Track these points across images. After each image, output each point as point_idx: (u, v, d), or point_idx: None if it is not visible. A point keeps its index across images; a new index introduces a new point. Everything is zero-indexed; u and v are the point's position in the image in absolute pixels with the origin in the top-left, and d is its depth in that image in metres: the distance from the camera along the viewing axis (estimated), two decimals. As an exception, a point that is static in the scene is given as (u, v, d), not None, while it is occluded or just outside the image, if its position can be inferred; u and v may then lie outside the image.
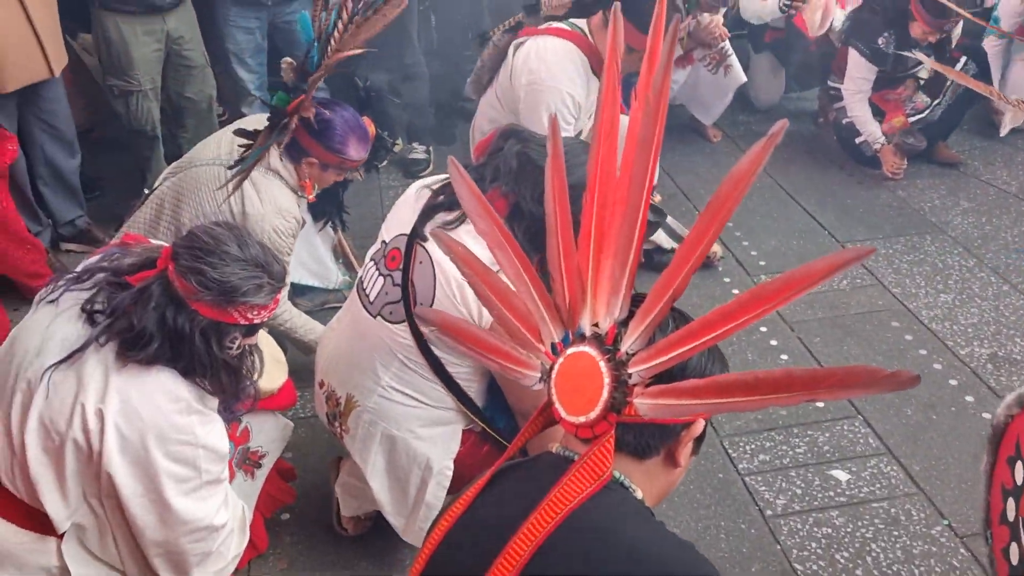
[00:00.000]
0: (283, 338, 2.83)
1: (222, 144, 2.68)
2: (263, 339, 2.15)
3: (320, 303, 3.27)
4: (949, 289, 3.47)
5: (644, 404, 0.95)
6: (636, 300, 0.98)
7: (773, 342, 3.20)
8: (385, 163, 4.35)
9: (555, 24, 3.06)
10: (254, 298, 1.72)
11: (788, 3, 4.37)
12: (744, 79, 4.56)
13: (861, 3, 4.39)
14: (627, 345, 0.96)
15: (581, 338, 1.00)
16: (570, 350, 1.00)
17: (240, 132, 2.51)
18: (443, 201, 1.94)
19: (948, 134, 4.50)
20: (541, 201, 1.06)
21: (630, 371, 0.95)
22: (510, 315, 1.04)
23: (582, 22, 3.05)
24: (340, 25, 2.40)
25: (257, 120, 2.67)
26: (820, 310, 3.37)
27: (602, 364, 0.96)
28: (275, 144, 2.51)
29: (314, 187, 2.68)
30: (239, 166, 2.43)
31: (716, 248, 3.64)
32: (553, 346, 1.02)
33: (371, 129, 2.80)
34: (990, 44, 4.62)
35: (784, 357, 3.12)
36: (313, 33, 2.46)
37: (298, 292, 3.20)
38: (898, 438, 2.74)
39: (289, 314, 2.77)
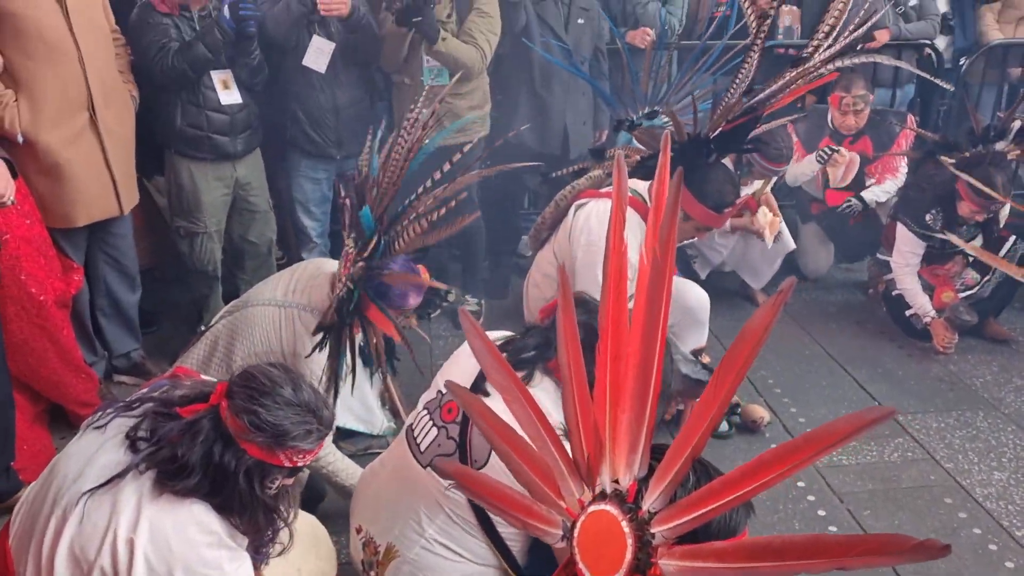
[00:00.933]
0: (323, 481, 2.83)
1: (278, 286, 2.78)
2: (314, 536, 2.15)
3: (364, 448, 3.27)
4: (1003, 467, 3.35)
5: (669, 565, 0.92)
6: (656, 454, 0.97)
7: (821, 512, 3.10)
8: (438, 312, 4.44)
9: (615, 190, 3.18)
10: (303, 443, 1.74)
11: (825, 154, 4.51)
12: (793, 246, 4.64)
13: (908, 180, 4.49)
14: (649, 503, 0.94)
15: (602, 496, 0.97)
16: (591, 508, 0.98)
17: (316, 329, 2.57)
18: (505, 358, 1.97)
19: (1000, 311, 4.47)
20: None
21: (653, 531, 0.93)
22: (530, 471, 1.02)
23: (642, 186, 3.16)
24: (407, 225, 2.49)
25: (315, 267, 2.78)
26: (871, 482, 3.27)
27: (624, 523, 0.94)
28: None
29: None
30: (326, 365, 2.49)
31: (764, 413, 3.60)
32: (575, 503, 1.00)
33: (426, 277, 2.88)
34: None
35: (833, 528, 3.01)
36: (373, 224, 2.52)
37: (342, 436, 3.21)
38: (955, 623, 2.59)
39: (333, 456, 2.78)
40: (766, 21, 2.95)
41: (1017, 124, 4.00)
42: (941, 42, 5.62)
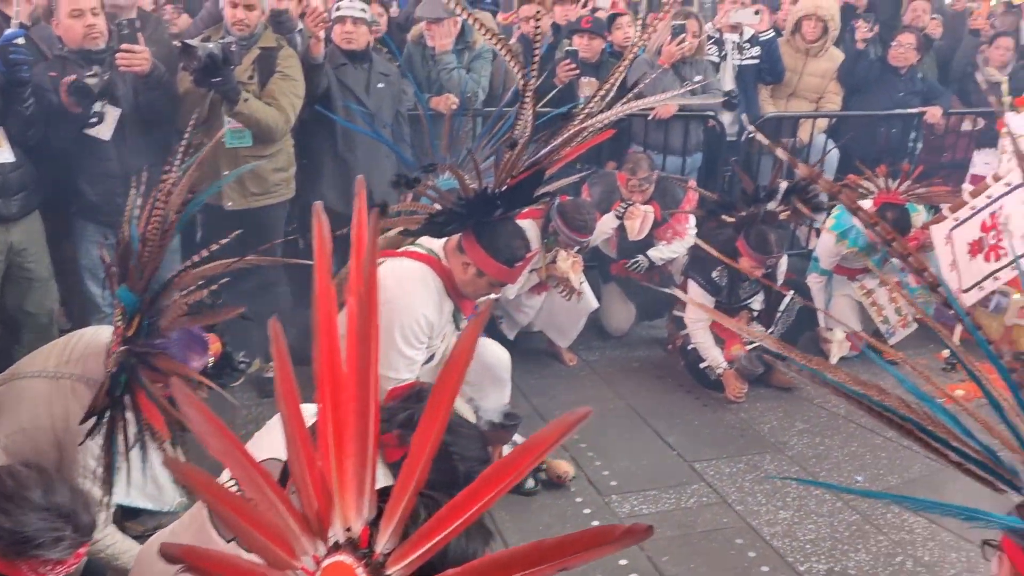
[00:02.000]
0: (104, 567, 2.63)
1: (51, 356, 2.59)
2: None
3: (153, 527, 3.07)
4: (788, 506, 3.57)
5: None
6: (383, 495, 0.97)
7: (623, 562, 3.18)
8: (239, 382, 4.27)
9: (411, 248, 3.20)
10: (50, 551, 1.59)
11: (621, 211, 4.77)
12: (596, 305, 4.83)
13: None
14: (381, 544, 0.94)
15: (336, 547, 0.95)
16: (326, 561, 0.95)
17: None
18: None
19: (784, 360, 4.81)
20: (439, 467, 1.04)
21: (388, 572, 0.92)
22: (261, 536, 0.97)
23: (437, 245, 3.20)
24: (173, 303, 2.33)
25: (92, 334, 2.62)
26: (669, 529, 3.39)
27: (359, 570, 0.92)
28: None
29: None
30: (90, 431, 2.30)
31: (568, 468, 3.68)
32: (310, 561, 0.97)
33: (215, 346, 2.77)
34: (813, 280, 5.10)
35: (634, 576, 3.10)
36: (134, 301, 2.32)
37: (128, 515, 3.01)
38: (744, 659, 2.70)
39: (112, 540, 2.59)
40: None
41: (783, 185, 4.37)
42: (727, 117, 6.10)
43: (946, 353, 4.83)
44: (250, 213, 4.06)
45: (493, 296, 3.48)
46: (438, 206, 3.01)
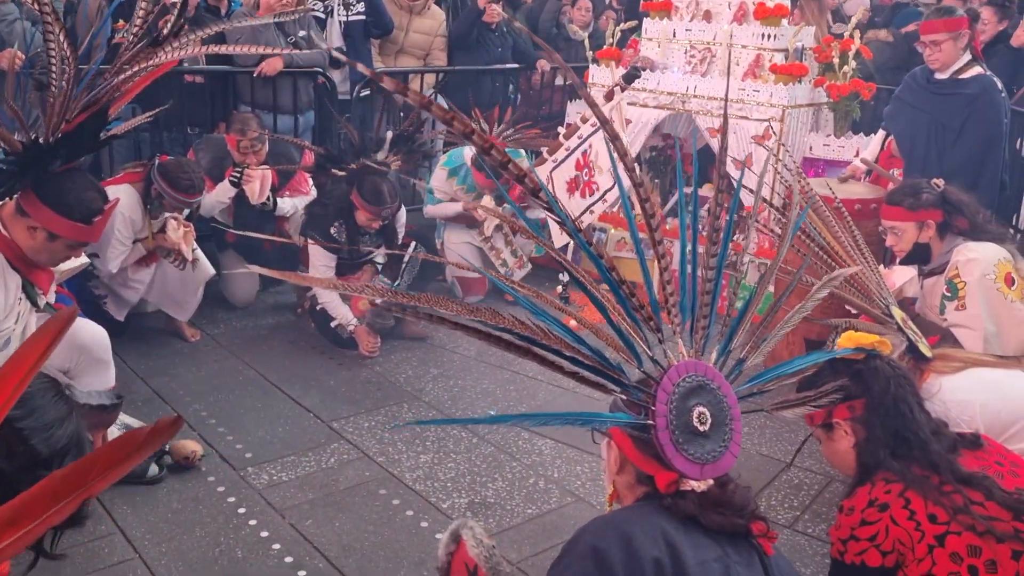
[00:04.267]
0: None
1: None
2: None
3: None
4: (427, 450, 3.61)
5: None
6: None
7: (264, 534, 3.00)
8: None
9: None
10: None
11: (236, 176, 4.52)
12: (212, 271, 4.53)
13: (313, 199, 4.68)
14: None
15: None
16: None
17: None
18: None
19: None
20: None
21: None
22: None
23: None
24: None
25: None
26: (310, 491, 3.27)
27: None
28: None
29: None
30: None
31: (196, 447, 3.39)
32: None
33: None
34: (427, 210, 5.21)
35: (276, 546, 2.93)
36: None
37: None
38: (395, 604, 2.68)
39: None
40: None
41: (389, 135, 4.38)
42: (337, 75, 6.00)
43: (559, 289, 5.20)
44: None
45: (81, 261, 3.07)
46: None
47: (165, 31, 2.66)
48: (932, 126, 4.08)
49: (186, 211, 4.30)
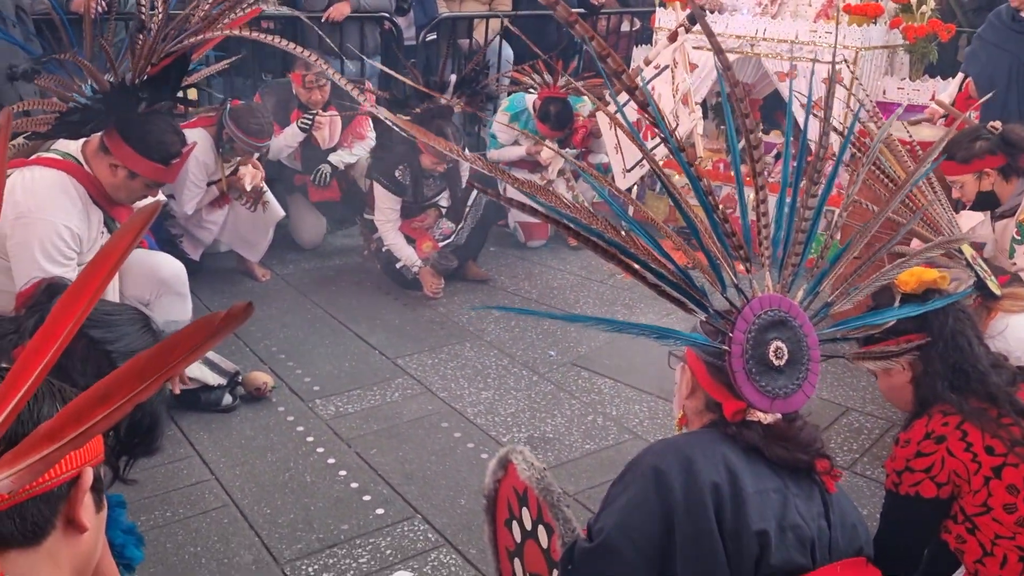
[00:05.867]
0: None
1: None
2: None
3: None
4: (488, 387, 3.70)
5: (3, 481, 0.78)
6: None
7: (331, 460, 3.12)
8: None
9: (44, 154, 2.83)
10: None
11: (307, 121, 4.60)
12: (282, 213, 4.64)
13: (378, 142, 4.75)
14: None
15: None
16: None
17: None
18: None
19: (476, 254, 4.93)
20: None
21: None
22: None
23: (75, 148, 2.85)
24: None
25: None
26: (375, 423, 3.39)
27: None
28: None
29: None
30: None
31: (268, 379, 3.53)
32: None
33: None
34: (491, 154, 5.23)
35: (343, 473, 3.05)
36: None
37: None
38: (455, 528, 2.77)
39: None
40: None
41: (453, 78, 4.40)
42: (404, 21, 6.03)
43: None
44: None
45: (159, 198, 3.19)
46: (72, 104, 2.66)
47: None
48: (1014, 65, 3.94)
49: (256, 154, 4.41)
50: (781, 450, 1.50)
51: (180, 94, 2.84)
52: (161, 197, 3.39)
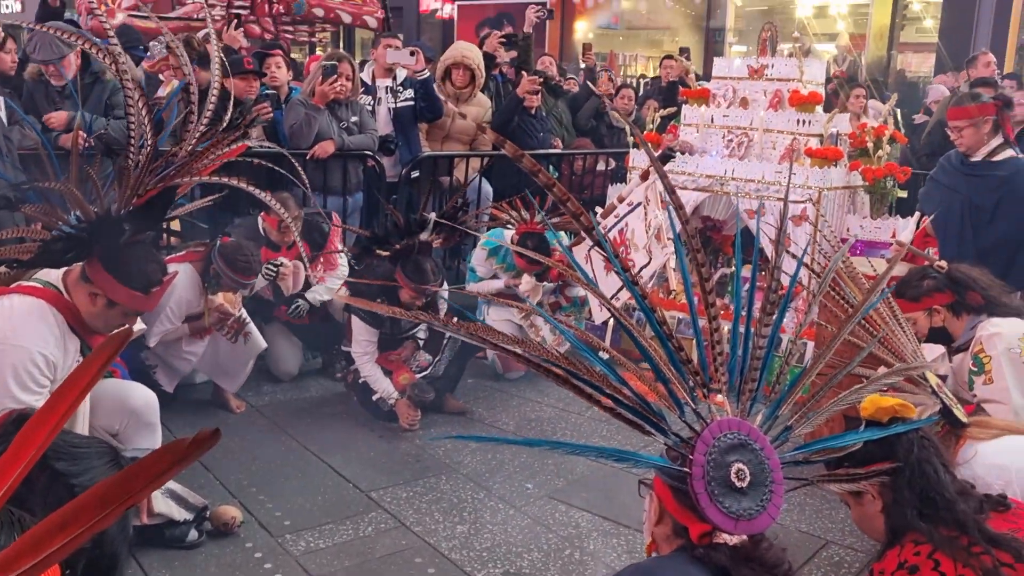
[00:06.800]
0: None
1: None
2: None
3: None
4: (464, 520, 3.63)
5: None
6: None
7: (299, 599, 3.03)
8: None
9: (25, 283, 2.87)
10: None
11: (272, 270, 4.68)
12: (264, 345, 4.66)
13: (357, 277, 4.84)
14: None
15: None
16: None
17: None
18: None
19: (454, 386, 4.93)
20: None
21: None
22: None
23: (55, 277, 2.89)
24: None
25: None
26: (347, 559, 3.31)
27: None
28: None
29: None
30: None
31: (236, 513, 3.46)
32: None
33: None
34: (471, 287, 5.30)
35: (311, 612, 2.96)
36: None
37: None
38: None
39: None
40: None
41: (432, 216, 4.53)
42: (387, 160, 6.22)
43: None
44: None
45: (139, 327, 3.20)
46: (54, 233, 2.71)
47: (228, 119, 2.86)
48: (965, 206, 4.12)
49: (240, 291, 4.46)
50: (749, 571, 1.51)
51: (164, 225, 2.91)
52: (141, 325, 3.41)
